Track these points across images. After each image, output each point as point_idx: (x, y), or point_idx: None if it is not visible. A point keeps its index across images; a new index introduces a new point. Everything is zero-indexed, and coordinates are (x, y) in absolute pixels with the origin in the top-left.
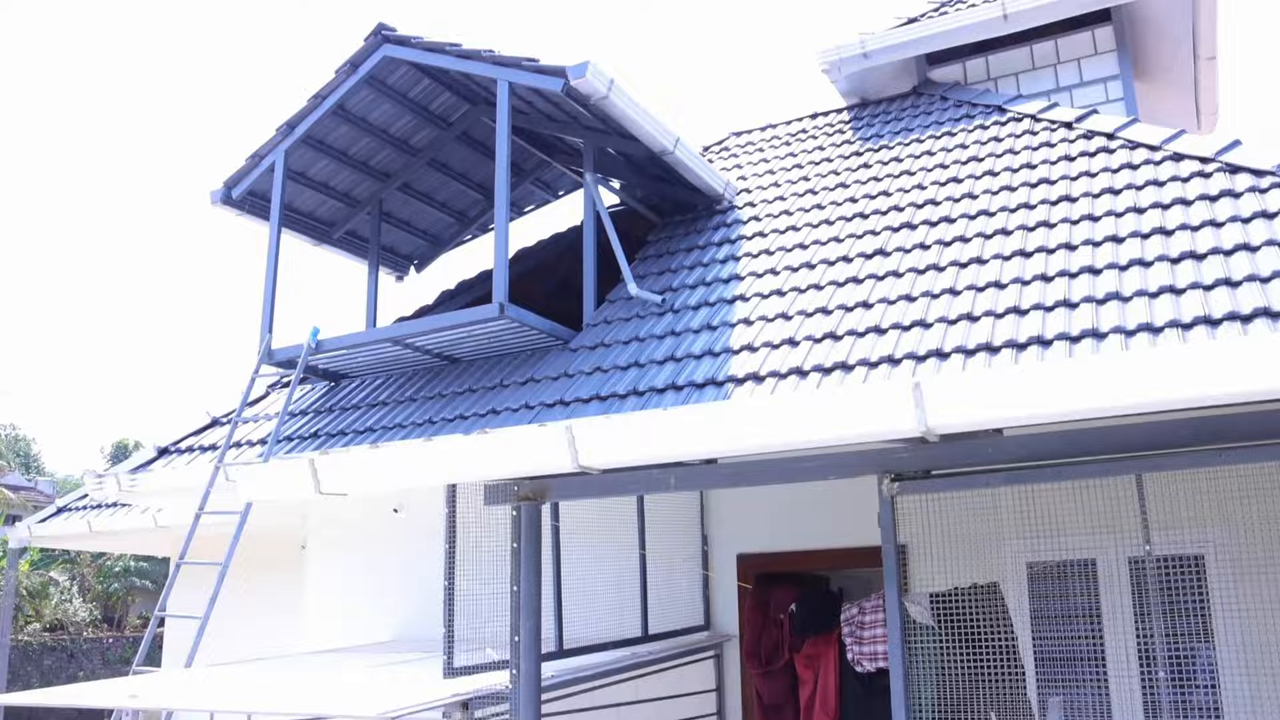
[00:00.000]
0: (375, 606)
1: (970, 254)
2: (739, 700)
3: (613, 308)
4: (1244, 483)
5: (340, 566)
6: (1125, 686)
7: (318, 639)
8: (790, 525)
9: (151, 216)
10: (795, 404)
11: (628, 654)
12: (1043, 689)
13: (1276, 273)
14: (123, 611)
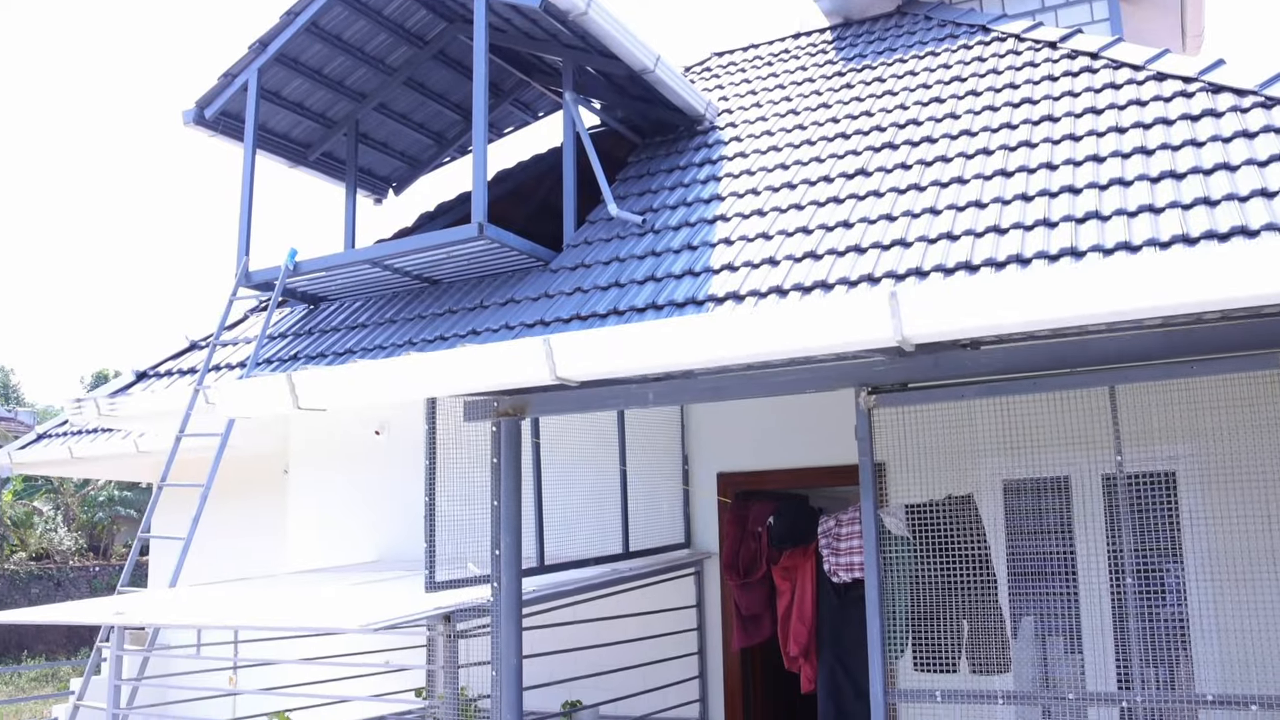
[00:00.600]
0: (358, 528)
1: (951, 173)
2: (719, 616)
3: (593, 228)
4: (1214, 395)
5: (323, 489)
6: (1095, 600)
7: (301, 561)
8: (771, 444)
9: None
10: (772, 314)
11: (608, 570)
12: (1015, 603)
13: (1255, 192)
14: (108, 540)
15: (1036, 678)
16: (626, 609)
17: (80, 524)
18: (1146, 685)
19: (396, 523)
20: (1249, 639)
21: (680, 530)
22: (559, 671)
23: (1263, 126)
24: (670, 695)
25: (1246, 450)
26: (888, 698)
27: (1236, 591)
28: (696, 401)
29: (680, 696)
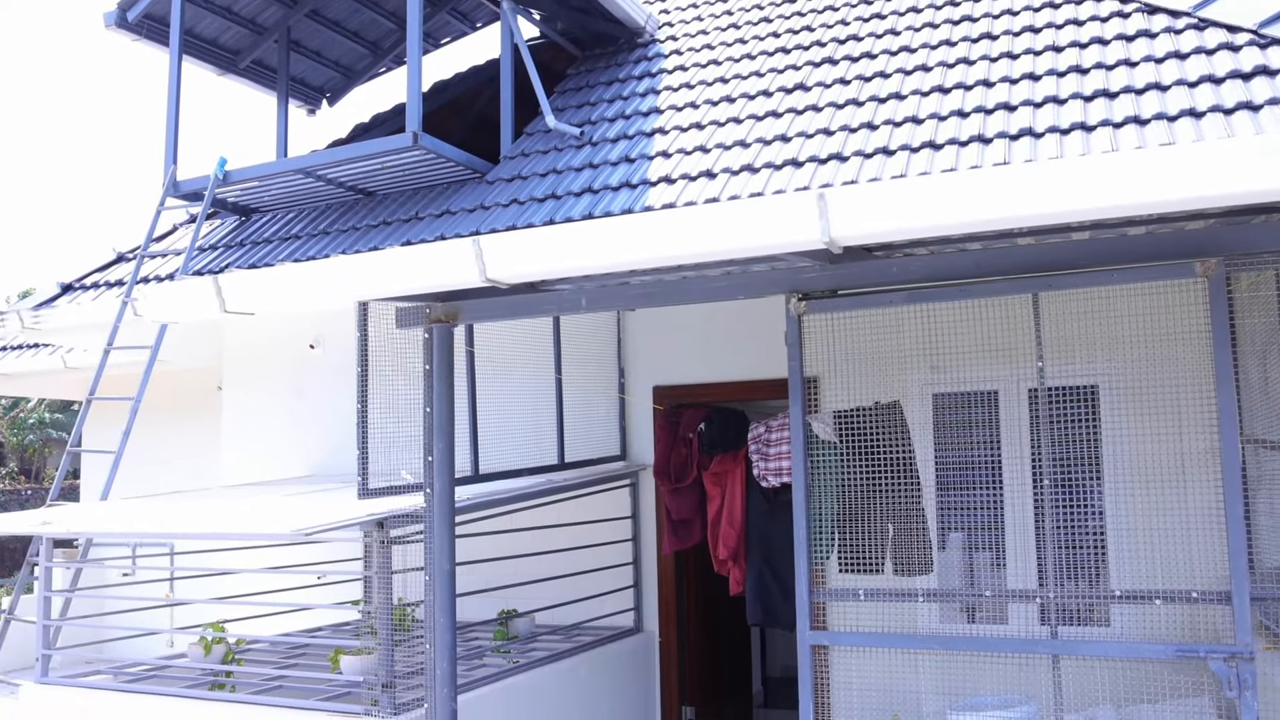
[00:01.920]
0: (293, 443)
1: (889, 89)
2: (654, 526)
3: (530, 140)
4: (1134, 305)
5: (257, 405)
6: (1019, 506)
7: (235, 476)
8: (707, 357)
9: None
10: (700, 215)
11: (544, 480)
12: (943, 508)
13: (1183, 112)
14: (39, 464)
15: (960, 578)
16: (563, 519)
17: (11, 447)
18: (1063, 584)
19: (332, 437)
20: (1155, 540)
21: (616, 442)
22: (496, 581)
23: (1194, 48)
24: (606, 604)
25: (1163, 360)
26: (813, 597)
27: (1147, 496)
28: (629, 307)
29: (615, 605)
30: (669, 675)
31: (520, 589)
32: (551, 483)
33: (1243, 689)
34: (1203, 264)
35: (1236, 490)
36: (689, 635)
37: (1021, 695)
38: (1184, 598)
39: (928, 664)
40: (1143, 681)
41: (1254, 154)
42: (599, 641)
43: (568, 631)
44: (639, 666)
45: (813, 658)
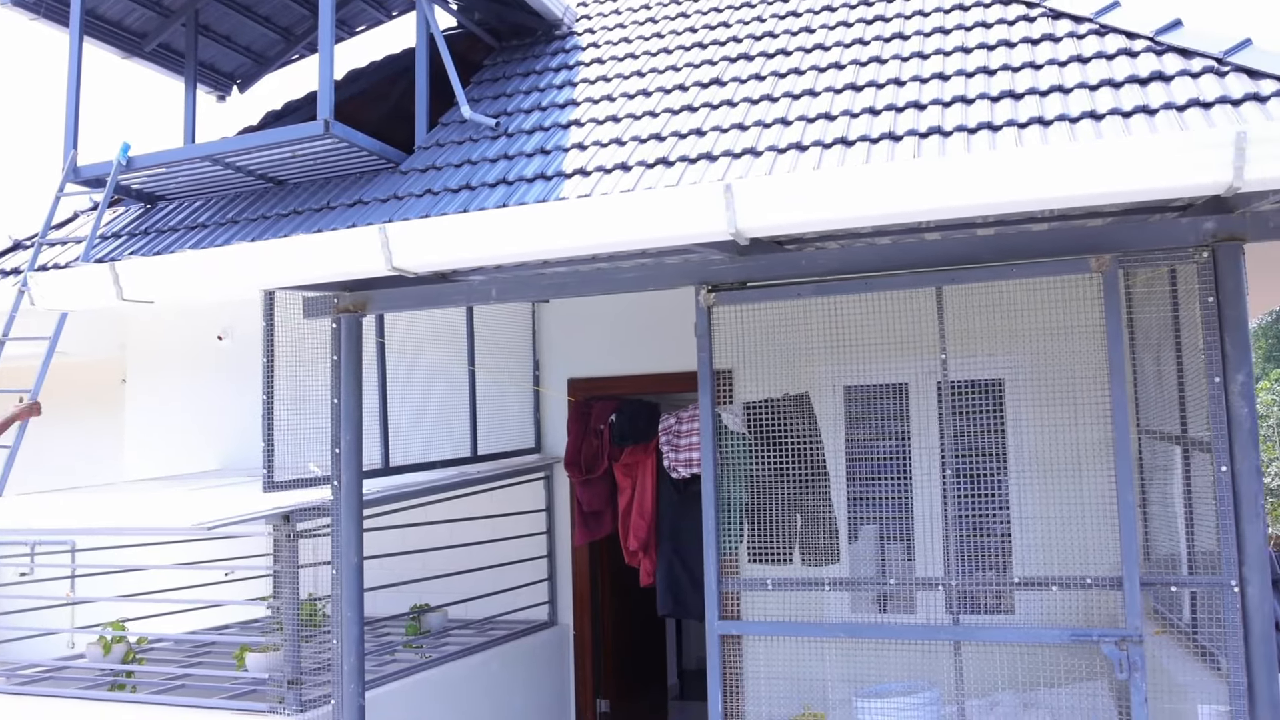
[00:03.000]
0: (200, 436)
1: (803, 86)
2: (569, 519)
3: (445, 130)
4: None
5: (163, 397)
6: (928, 497)
7: (139, 471)
8: (621, 350)
9: None
10: (608, 205)
11: (456, 473)
12: (854, 499)
13: (1084, 114)
14: None
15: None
16: (476, 512)
17: None
18: (967, 572)
19: (242, 430)
20: (1055, 528)
21: (531, 435)
22: (409, 575)
23: (1095, 53)
24: (520, 597)
25: (1064, 354)
26: (722, 587)
27: (1049, 486)
28: (541, 298)
29: (530, 598)
30: (583, 668)
31: (433, 583)
32: (464, 475)
33: (1132, 671)
34: (1097, 260)
35: (1128, 480)
36: (604, 628)
37: (926, 682)
38: (1078, 584)
39: (835, 653)
40: (1044, 666)
41: (1146, 155)
42: (512, 635)
43: (481, 625)
44: (553, 660)
45: (721, 647)
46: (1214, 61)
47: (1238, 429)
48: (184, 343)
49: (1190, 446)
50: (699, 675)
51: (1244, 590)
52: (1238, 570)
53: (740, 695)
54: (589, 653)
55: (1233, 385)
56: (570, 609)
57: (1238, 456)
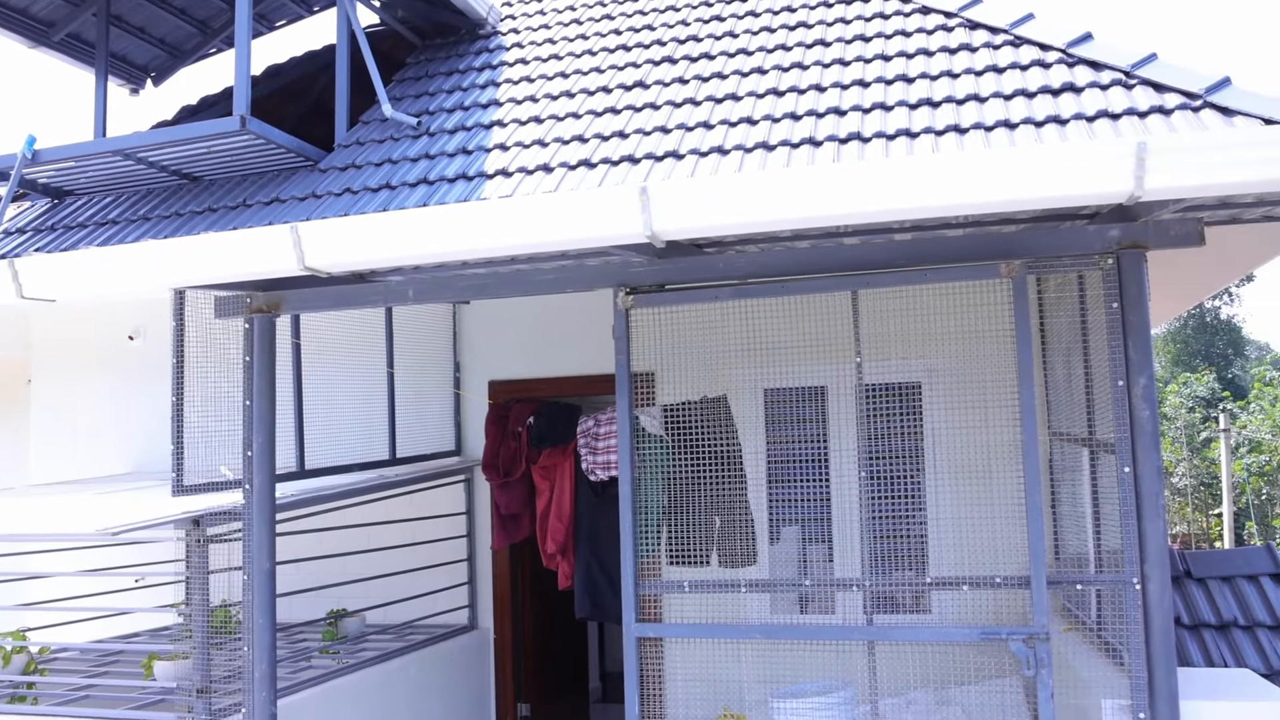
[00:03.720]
0: (110, 439)
1: (726, 90)
2: (489, 522)
3: (366, 129)
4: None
5: (72, 399)
6: (847, 500)
7: (45, 475)
8: (543, 352)
9: None
10: (522, 206)
11: (375, 476)
12: (774, 501)
13: (999, 123)
14: None
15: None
16: (395, 515)
17: None
18: (884, 572)
19: (152, 433)
20: (970, 529)
21: (451, 437)
22: (326, 580)
23: (1010, 63)
24: (439, 601)
25: (978, 358)
26: (639, 590)
27: (964, 487)
28: (458, 300)
29: (450, 602)
30: (504, 672)
31: (351, 588)
32: (383, 478)
33: (1039, 667)
34: (1007, 265)
35: (1036, 481)
36: (524, 631)
37: (840, 681)
38: (989, 583)
39: (753, 654)
40: (958, 664)
41: (1053, 163)
42: (431, 640)
43: (399, 630)
44: (473, 664)
45: (639, 650)
46: (1122, 74)
47: (1140, 431)
48: (94, 342)
49: (1097, 448)
50: (621, 678)
51: (1145, 587)
52: (1139, 568)
53: (661, 698)
54: (510, 656)
55: (1135, 389)
56: (491, 613)
57: (1140, 458)
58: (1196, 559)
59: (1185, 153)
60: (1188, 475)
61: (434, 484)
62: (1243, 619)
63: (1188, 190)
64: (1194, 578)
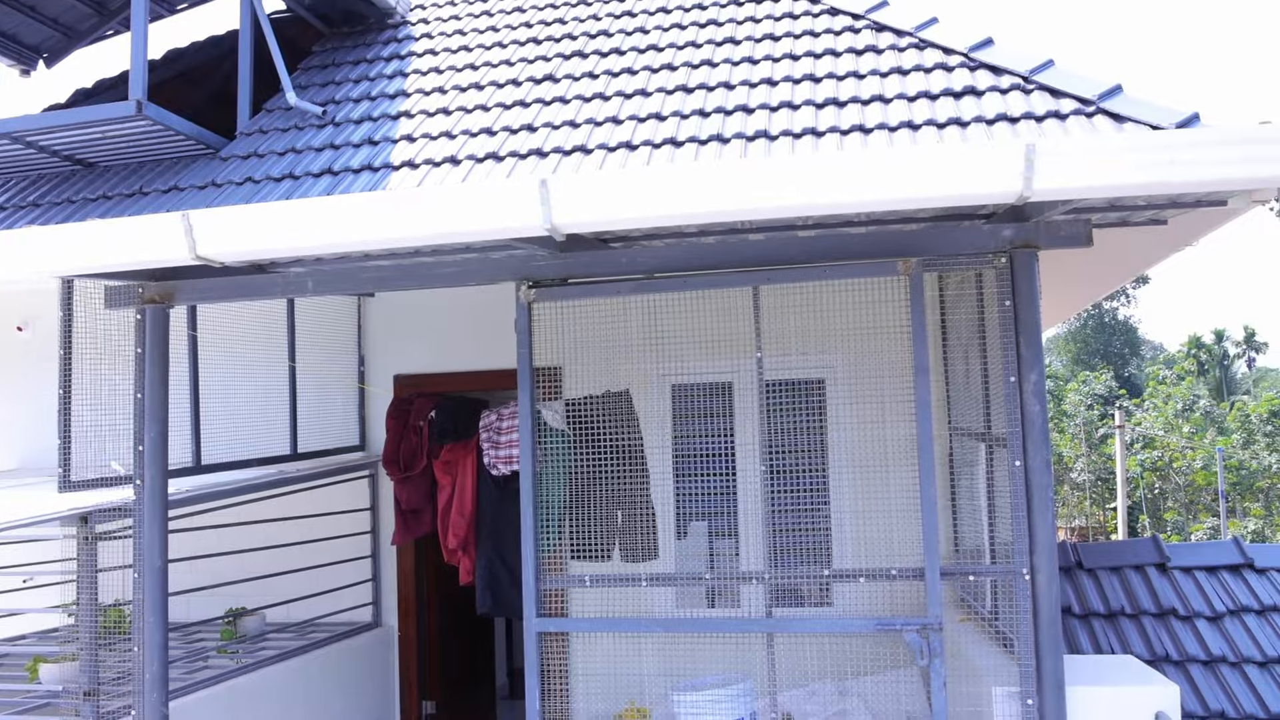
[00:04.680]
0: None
1: (636, 85)
2: (394, 519)
3: (270, 117)
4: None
5: None
6: (752, 497)
7: None
8: (449, 347)
9: None
10: (422, 197)
11: (275, 471)
12: (681, 495)
13: (902, 124)
14: None
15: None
16: (297, 511)
17: None
18: (788, 566)
19: (41, 428)
20: (871, 522)
21: (355, 432)
22: (225, 577)
23: (915, 66)
24: (343, 598)
25: (881, 354)
26: (540, 584)
27: (866, 482)
28: (359, 292)
29: (353, 599)
30: (408, 670)
31: (251, 586)
32: (283, 474)
33: (932, 657)
34: (904, 263)
35: (930, 475)
36: (429, 628)
37: (740, 674)
38: (885, 575)
39: (655, 648)
40: (859, 655)
41: (948, 163)
42: (334, 638)
43: (301, 628)
44: (377, 662)
45: (539, 645)
46: (1021, 79)
47: (1030, 426)
48: None
49: (993, 443)
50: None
51: (1034, 578)
52: (1029, 559)
53: (566, 693)
54: (414, 653)
55: (1026, 384)
56: (395, 610)
57: (1030, 451)
58: (1087, 551)
59: (1071, 156)
60: (1086, 470)
61: (337, 479)
62: (1129, 608)
63: (1074, 192)
64: (1085, 569)
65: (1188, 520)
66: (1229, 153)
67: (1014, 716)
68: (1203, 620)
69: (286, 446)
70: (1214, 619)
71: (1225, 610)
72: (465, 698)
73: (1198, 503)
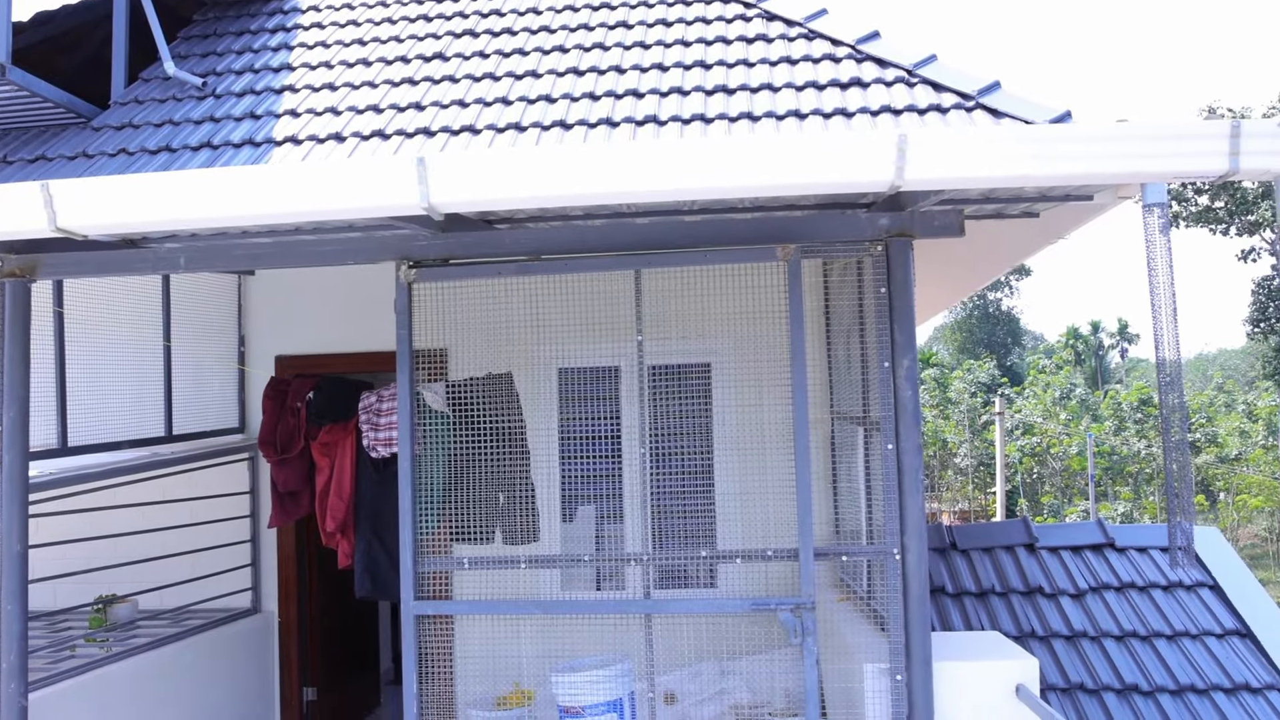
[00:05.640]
0: None
1: (527, 66)
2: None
3: (147, 87)
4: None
5: None
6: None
7: None
8: (334, 327)
9: None
10: (297, 172)
11: (148, 453)
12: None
13: (790, 112)
14: None
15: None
16: (173, 495)
17: None
18: (671, 548)
19: None
20: (752, 504)
21: (234, 414)
22: (96, 563)
23: (803, 56)
24: (220, 584)
25: (763, 339)
26: (418, 567)
27: (748, 464)
28: (235, 269)
29: (232, 585)
30: (289, 656)
31: (123, 572)
32: (157, 456)
33: (805, 636)
34: (783, 249)
35: (806, 457)
36: (311, 614)
37: (619, 655)
38: (761, 556)
39: (537, 630)
40: (742, 636)
41: (824, 151)
42: (211, 624)
43: (175, 615)
44: (256, 648)
45: (417, 628)
46: (905, 73)
47: (903, 410)
48: None
49: (870, 427)
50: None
51: (904, 557)
52: (899, 539)
53: (449, 676)
54: (295, 639)
55: (900, 370)
56: (276, 595)
57: (902, 435)
58: (961, 532)
59: (942, 147)
60: (969, 456)
61: (214, 462)
62: (999, 586)
63: (944, 182)
64: (959, 549)
65: (1063, 504)
66: (1087, 149)
67: (884, 692)
68: (1066, 597)
69: (161, 428)
70: (1077, 596)
71: (1088, 588)
72: (349, 683)
73: (1073, 487)
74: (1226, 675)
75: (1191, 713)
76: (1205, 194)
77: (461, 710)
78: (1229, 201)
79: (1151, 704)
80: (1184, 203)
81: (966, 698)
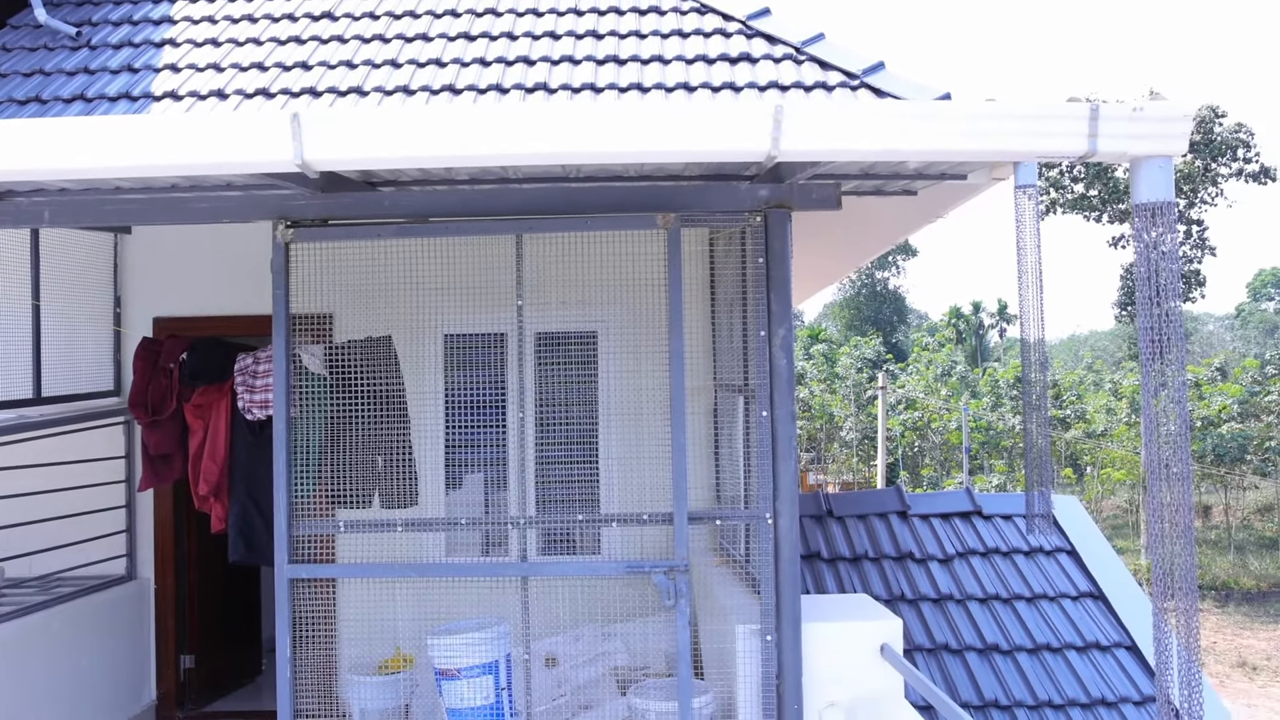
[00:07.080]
0: None
1: (418, 29)
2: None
3: (16, 34)
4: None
5: None
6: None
7: None
8: (216, 289)
9: None
10: (169, 124)
11: (14, 415)
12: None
13: (679, 85)
14: None
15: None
16: (41, 458)
17: None
18: (554, 512)
19: None
20: (633, 469)
21: (110, 377)
22: None
23: (695, 29)
24: (93, 550)
25: (646, 307)
26: (292, 530)
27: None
28: (105, 225)
29: (106, 551)
30: (165, 624)
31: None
32: (24, 418)
33: (678, 598)
34: (663, 218)
35: (681, 423)
36: (189, 581)
37: (496, 617)
38: (637, 520)
39: (413, 594)
40: (621, 600)
41: (702, 120)
42: (82, 592)
43: (42, 582)
44: (130, 616)
45: (291, 592)
46: (794, 50)
47: (778, 378)
48: None
49: (749, 395)
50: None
51: (776, 522)
52: (772, 504)
53: (328, 640)
54: (172, 607)
55: (775, 339)
56: (152, 562)
57: (777, 403)
58: (838, 499)
59: (817, 119)
60: (854, 429)
61: (86, 425)
62: (872, 551)
63: (819, 154)
64: (835, 516)
65: (942, 476)
66: (956, 125)
67: (755, 652)
68: (935, 562)
69: (29, 389)
70: (945, 561)
71: (955, 553)
72: (229, 651)
73: (952, 460)
74: (1079, 634)
75: (1046, 670)
76: (1080, 182)
77: (343, 675)
78: (1102, 190)
79: (1010, 662)
80: (1060, 189)
81: (833, 657)
